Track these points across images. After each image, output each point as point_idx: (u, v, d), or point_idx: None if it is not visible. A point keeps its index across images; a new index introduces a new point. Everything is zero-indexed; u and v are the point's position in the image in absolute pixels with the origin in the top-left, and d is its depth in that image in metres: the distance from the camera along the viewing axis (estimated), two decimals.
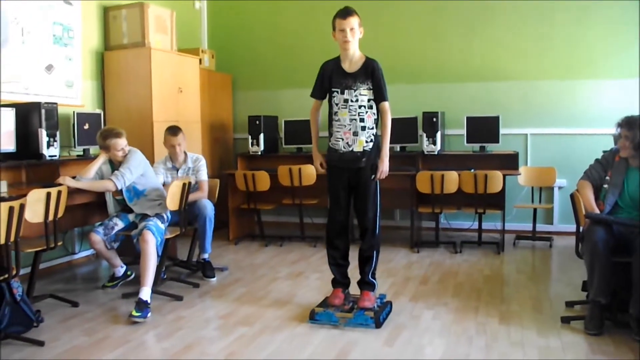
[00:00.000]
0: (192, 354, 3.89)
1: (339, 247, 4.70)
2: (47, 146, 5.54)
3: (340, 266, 4.73)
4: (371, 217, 4.59)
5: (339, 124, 4.49)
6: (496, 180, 6.52)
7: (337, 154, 4.54)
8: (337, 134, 4.51)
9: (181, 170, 5.88)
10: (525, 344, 3.98)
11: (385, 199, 7.20)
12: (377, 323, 4.31)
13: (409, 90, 8.00)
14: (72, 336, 4.25)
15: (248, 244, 7.42)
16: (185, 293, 5.22)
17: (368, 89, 4.45)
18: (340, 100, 4.47)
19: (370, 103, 4.47)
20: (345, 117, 4.45)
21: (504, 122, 7.42)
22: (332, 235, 4.71)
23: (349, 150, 4.48)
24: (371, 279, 4.66)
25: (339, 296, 4.64)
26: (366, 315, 4.36)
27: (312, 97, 4.69)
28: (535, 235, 7.24)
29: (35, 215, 4.39)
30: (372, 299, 4.58)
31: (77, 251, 6.54)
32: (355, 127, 4.44)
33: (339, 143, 4.51)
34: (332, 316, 4.41)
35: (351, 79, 4.46)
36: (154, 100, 6.62)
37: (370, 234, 4.62)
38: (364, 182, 4.54)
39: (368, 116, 4.45)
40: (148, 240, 4.85)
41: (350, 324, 4.34)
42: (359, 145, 4.46)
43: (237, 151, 8.60)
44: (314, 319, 4.43)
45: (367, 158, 4.48)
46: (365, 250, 4.65)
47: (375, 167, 4.51)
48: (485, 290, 5.28)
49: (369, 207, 4.57)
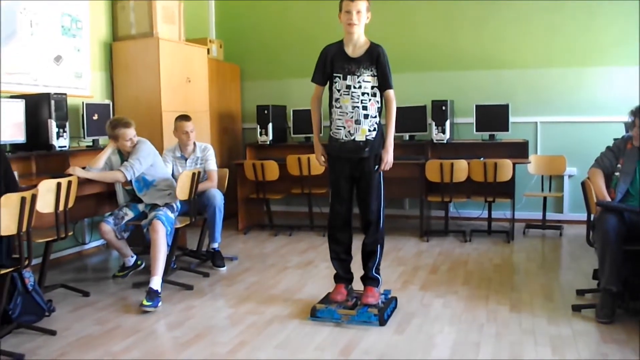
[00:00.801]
0: (202, 342, 3.90)
1: (342, 241, 4.49)
2: (57, 137, 5.56)
3: (343, 261, 4.53)
4: (375, 210, 4.36)
5: (340, 112, 4.26)
6: (506, 168, 6.50)
7: (338, 144, 4.30)
8: (338, 122, 4.27)
9: (190, 160, 5.88)
10: (536, 332, 3.97)
11: (395, 188, 7.30)
12: (381, 320, 4.13)
13: (418, 78, 7.97)
14: (84, 325, 4.27)
15: (257, 234, 7.43)
16: (195, 282, 5.23)
17: (372, 75, 4.23)
18: (342, 86, 4.24)
19: (374, 90, 4.25)
20: (347, 104, 4.22)
21: (514, 110, 7.39)
22: (334, 229, 4.49)
23: (351, 139, 4.24)
24: (375, 275, 4.45)
25: (341, 292, 4.44)
26: (370, 313, 4.18)
27: (313, 82, 4.41)
28: (545, 224, 7.22)
29: (45, 205, 4.40)
30: (376, 295, 4.38)
31: (88, 241, 6.57)
32: (358, 115, 4.21)
33: (340, 132, 4.27)
34: (334, 313, 4.23)
35: (354, 65, 4.23)
36: (162, 91, 6.61)
37: (374, 227, 4.40)
38: (367, 173, 4.31)
39: (371, 104, 4.23)
40: (158, 230, 4.86)
41: (353, 321, 4.17)
42: (362, 134, 4.22)
43: (245, 141, 8.60)
44: (315, 316, 4.27)
45: (371, 148, 4.25)
46: (369, 244, 4.43)
47: (379, 158, 4.29)
48: (495, 278, 5.27)
49: (373, 199, 4.35)
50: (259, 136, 7.88)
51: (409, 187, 7.19)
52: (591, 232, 4.46)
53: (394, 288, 4.98)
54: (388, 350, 3.72)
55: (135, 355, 3.71)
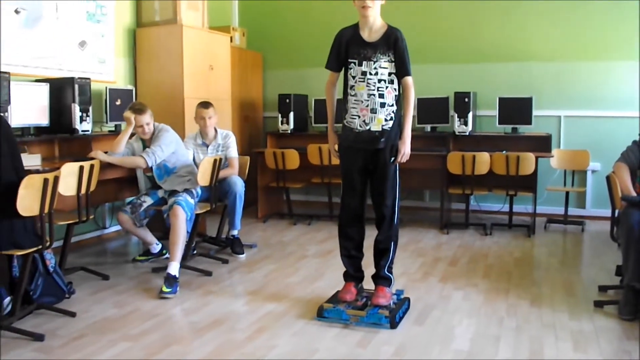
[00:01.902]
0: (220, 328, 3.90)
1: (353, 237, 4.24)
2: (80, 121, 5.58)
3: (354, 258, 4.28)
4: (389, 204, 4.11)
5: (355, 100, 4.01)
6: (528, 162, 6.44)
7: (353, 134, 4.04)
8: (353, 110, 4.02)
9: (211, 147, 5.87)
10: (557, 326, 3.93)
11: (415, 179, 7.29)
12: (393, 323, 3.89)
13: (441, 69, 7.92)
14: (103, 308, 4.30)
15: (276, 222, 7.43)
16: (214, 269, 5.24)
17: (389, 61, 3.97)
18: (357, 72, 3.99)
19: (391, 77, 3.99)
20: (362, 91, 3.97)
21: (537, 104, 7.32)
22: (345, 224, 4.25)
23: (366, 129, 3.99)
24: (387, 274, 4.19)
25: (350, 291, 4.19)
26: (380, 314, 3.92)
27: (327, 68, 4.16)
28: (567, 219, 7.15)
29: (68, 188, 4.42)
30: (387, 296, 4.11)
31: (108, 226, 6.60)
32: (374, 104, 3.96)
33: (354, 121, 4.02)
34: (342, 313, 3.98)
35: (370, 49, 3.97)
36: (185, 77, 6.61)
37: (387, 223, 4.14)
38: (382, 165, 4.05)
39: (388, 92, 3.98)
40: (178, 215, 4.87)
41: (362, 322, 3.92)
42: (378, 123, 3.97)
43: (266, 129, 8.60)
44: (322, 316, 4.03)
45: (387, 138, 3.99)
46: (382, 241, 4.17)
47: (395, 149, 4.04)
48: (515, 272, 5.23)
49: (388, 193, 4.09)
50: (280, 125, 7.87)
51: (429, 178, 7.16)
52: (615, 228, 4.41)
53: (414, 279, 4.98)
54: (407, 340, 3.70)
55: (153, 339, 3.72)
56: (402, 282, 4.89)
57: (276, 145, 7.89)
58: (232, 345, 3.63)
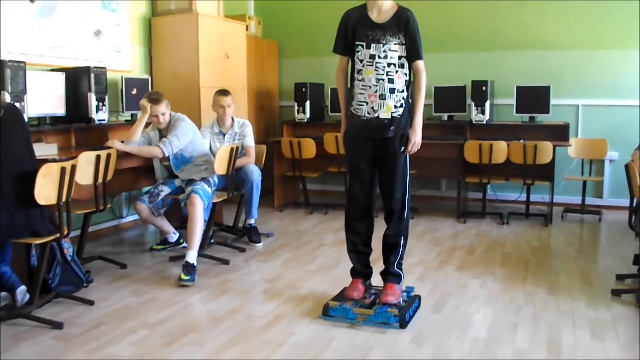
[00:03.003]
0: (238, 316, 3.92)
1: (360, 231, 4.01)
2: (96, 110, 5.59)
3: (361, 254, 4.06)
4: (399, 197, 3.89)
5: (362, 85, 3.78)
6: (546, 151, 6.40)
7: (360, 121, 3.82)
8: (361, 96, 3.79)
9: (228, 136, 5.87)
10: (575, 314, 3.91)
11: (432, 168, 7.27)
12: (402, 322, 3.68)
13: (459, 58, 7.87)
14: (121, 296, 4.32)
15: (293, 211, 7.43)
16: (232, 257, 5.25)
17: (400, 43, 3.74)
18: (365, 56, 3.77)
19: (401, 61, 3.77)
20: (370, 76, 3.74)
21: (555, 92, 7.25)
22: (352, 218, 4.02)
23: (374, 116, 3.77)
24: (397, 270, 3.98)
25: (358, 288, 3.99)
26: (389, 313, 3.72)
27: (334, 52, 3.96)
28: (584, 208, 7.09)
29: (85, 177, 4.44)
30: (396, 293, 3.91)
31: (125, 215, 6.63)
32: (383, 89, 3.74)
33: (362, 107, 3.80)
34: (349, 312, 3.77)
35: (380, 31, 3.74)
36: (200, 66, 6.61)
37: (397, 217, 3.92)
38: (392, 155, 3.83)
39: (398, 76, 3.76)
40: (195, 204, 4.87)
41: (370, 322, 3.71)
42: (387, 110, 3.75)
43: (282, 119, 8.58)
44: (327, 315, 3.82)
45: (396, 126, 3.78)
46: (391, 236, 3.95)
47: (405, 138, 3.82)
48: (533, 261, 5.20)
49: (397, 185, 3.86)
50: (296, 114, 7.85)
51: (446, 167, 7.14)
52: (633, 217, 4.37)
53: (431, 267, 4.97)
54: (424, 328, 3.70)
55: (171, 327, 3.73)
56: (418, 270, 4.88)
57: (292, 135, 7.87)
58: (249, 333, 3.64)
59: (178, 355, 3.34)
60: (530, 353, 3.35)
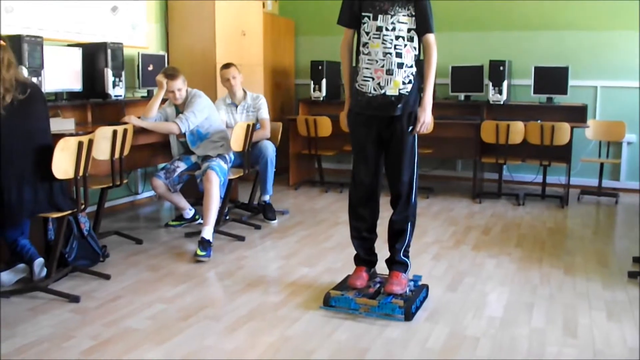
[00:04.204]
0: (253, 292, 3.93)
1: (365, 216, 3.79)
2: (113, 86, 5.58)
3: (365, 240, 3.84)
4: (407, 180, 3.64)
5: (369, 59, 3.54)
6: (563, 132, 6.35)
7: (365, 99, 3.58)
8: (366, 71, 3.55)
9: (240, 107, 5.84)
10: (590, 295, 3.90)
11: (448, 148, 7.24)
12: (408, 314, 3.46)
13: (476, 37, 7.79)
14: (137, 271, 4.34)
15: (308, 190, 7.43)
16: (247, 234, 5.26)
17: (409, 15, 3.50)
18: (371, 28, 3.52)
19: (410, 34, 3.52)
20: (377, 49, 3.50)
21: (573, 74, 7.17)
22: (357, 203, 3.80)
23: (381, 93, 3.52)
24: (403, 258, 3.75)
25: (361, 277, 3.77)
26: (394, 304, 3.50)
27: (339, 24, 3.72)
28: (600, 190, 7.05)
29: (101, 152, 4.44)
30: (402, 283, 3.67)
31: (140, 192, 6.64)
32: (390, 64, 3.49)
33: (367, 84, 3.55)
34: (351, 302, 3.57)
35: (388, 2, 3.50)
36: (217, 43, 6.60)
37: (404, 201, 3.68)
38: (399, 135, 3.58)
39: (407, 50, 3.51)
40: (211, 180, 4.88)
41: (373, 313, 3.51)
42: (394, 87, 3.51)
43: (298, 97, 8.55)
44: (328, 305, 3.63)
45: (404, 104, 3.53)
46: (397, 222, 3.72)
47: (414, 117, 3.57)
48: (549, 242, 5.18)
49: (405, 168, 3.62)
50: (312, 92, 7.82)
51: (462, 147, 7.10)
52: None
53: (446, 247, 4.96)
54: (440, 306, 3.70)
55: (187, 301, 3.75)
56: (434, 249, 4.88)
57: (308, 113, 7.84)
58: (265, 309, 3.66)
59: (195, 329, 3.35)
60: (547, 332, 3.34)
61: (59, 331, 3.33)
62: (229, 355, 3.07)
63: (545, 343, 3.21)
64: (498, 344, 3.19)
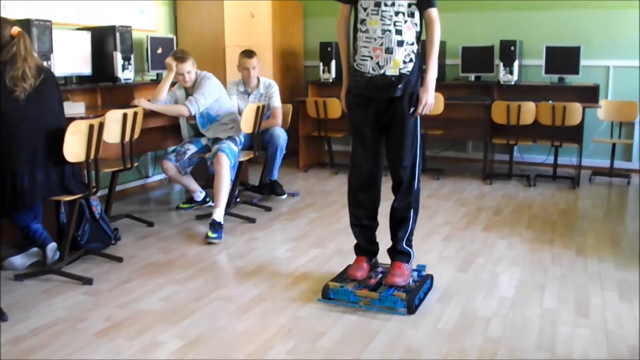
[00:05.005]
0: (265, 272, 3.95)
1: (365, 203, 3.61)
2: (122, 69, 5.58)
3: (366, 228, 3.66)
4: (408, 165, 3.46)
5: (367, 37, 3.32)
6: (575, 112, 6.30)
7: (364, 79, 3.37)
8: (364, 50, 3.34)
9: (252, 96, 5.84)
10: (602, 276, 3.89)
11: (458, 129, 7.21)
12: (411, 307, 3.29)
13: (486, 17, 7.72)
14: (149, 253, 4.36)
15: (318, 172, 7.42)
16: (258, 216, 5.27)
17: None
18: (369, 4, 3.30)
19: (411, 9, 3.31)
20: (375, 27, 3.28)
21: (585, 53, 7.11)
22: (356, 188, 3.61)
23: (380, 73, 3.32)
24: (406, 247, 3.57)
25: (362, 267, 3.60)
26: (396, 297, 3.33)
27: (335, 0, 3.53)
28: (612, 171, 7.01)
29: (112, 135, 4.44)
30: (405, 274, 3.49)
31: (151, 175, 6.66)
32: (390, 42, 3.27)
33: (365, 63, 3.34)
34: (350, 294, 3.40)
35: None
36: (226, 25, 6.59)
37: (406, 188, 3.50)
38: (400, 117, 3.39)
39: (407, 27, 3.30)
40: (222, 162, 4.88)
41: (374, 306, 3.34)
42: (394, 66, 3.30)
43: (307, 78, 8.53)
44: (327, 297, 3.46)
45: (405, 85, 3.33)
46: (400, 209, 3.54)
47: (415, 98, 3.38)
48: (560, 222, 5.16)
49: (406, 152, 3.43)
50: (321, 74, 7.79)
51: (473, 129, 7.07)
52: None
53: (457, 227, 4.96)
54: (451, 287, 3.70)
55: (199, 283, 3.77)
56: (445, 230, 4.87)
57: (317, 95, 7.81)
58: (276, 290, 3.67)
59: (207, 310, 3.37)
60: (558, 313, 3.34)
61: (73, 313, 3.35)
62: (241, 335, 3.09)
63: (557, 323, 3.21)
64: (510, 324, 3.19)
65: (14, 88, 3.58)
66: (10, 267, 3.97)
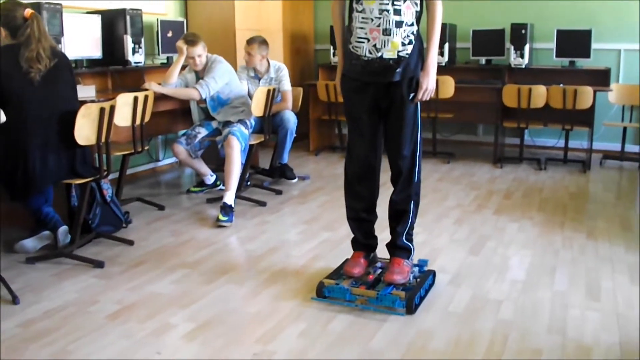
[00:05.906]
0: (276, 255, 3.96)
1: (362, 195, 3.40)
2: (132, 53, 5.59)
3: (363, 222, 3.45)
4: (408, 155, 3.24)
5: (363, 17, 3.07)
6: (586, 95, 6.27)
7: (360, 62, 3.14)
8: (360, 31, 3.09)
9: (263, 80, 5.83)
10: (613, 259, 3.88)
11: (469, 113, 7.19)
12: (410, 307, 3.09)
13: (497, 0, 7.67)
14: (160, 237, 4.38)
15: (328, 155, 7.41)
16: (269, 199, 5.28)
17: None
18: None
19: None
20: (372, 6, 3.03)
21: (597, 37, 7.05)
22: (353, 179, 3.40)
23: (377, 56, 3.08)
24: (406, 242, 3.35)
25: (359, 263, 3.38)
26: (394, 296, 3.12)
27: None
28: (623, 155, 6.97)
29: (123, 119, 4.44)
30: (404, 271, 3.28)
31: (161, 158, 6.67)
32: (387, 23, 3.03)
33: (362, 45, 3.10)
34: (346, 293, 3.21)
35: None
36: (236, 9, 6.58)
37: (405, 179, 3.29)
38: (399, 103, 3.16)
39: (407, 6, 3.06)
40: (233, 146, 4.89)
41: (371, 305, 3.15)
42: (392, 49, 3.06)
43: (318, 62, 8.50)
44: (322, 296, 3.28)
45: (404, 68, 3.10)
46: (399, 201, 3.33)
47: (415, 83, 3.15)
48: (571, 206, 5.15)
49: (406, 141, 3.21)
50: (332, 57, 7.77)
51: (483, 112, 7.05)
52: None
53: (468, 211, 4.95)
54: (462, 270, 3.71)
55: (210, 266, 3.79)
56: (456, 214, 4.87)
57: (328, 78, 7.79)
58: (288, 272, 3.69)
59: (219, 293, 3.39)
60: (569, 296, 3.34)
61: (84, 296, 3.37)
62: (253, 318, 3.11)
63: (567, 306, 3.21)
64: (521, 307, 3.19)
65: (29, 69, 3.60)
66: (21, 250, 4.00)
